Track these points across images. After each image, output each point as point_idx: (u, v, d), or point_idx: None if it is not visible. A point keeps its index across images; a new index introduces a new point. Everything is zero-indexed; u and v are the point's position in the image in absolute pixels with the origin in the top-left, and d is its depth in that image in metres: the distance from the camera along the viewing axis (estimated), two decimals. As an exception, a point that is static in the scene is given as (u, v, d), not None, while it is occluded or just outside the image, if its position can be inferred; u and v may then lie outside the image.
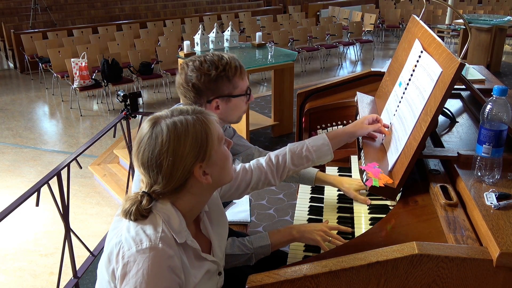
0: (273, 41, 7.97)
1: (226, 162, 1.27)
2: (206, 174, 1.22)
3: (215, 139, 1.22)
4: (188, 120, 1.19)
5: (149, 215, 1.20)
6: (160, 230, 1.17)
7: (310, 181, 2.00)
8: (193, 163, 1.19)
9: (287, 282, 1.19)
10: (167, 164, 1.16)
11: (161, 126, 1.18)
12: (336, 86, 2.51)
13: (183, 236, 1.22)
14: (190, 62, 1.69)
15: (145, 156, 1.18)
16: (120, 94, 3.40)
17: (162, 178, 1.18)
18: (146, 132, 1.19)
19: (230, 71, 1.67)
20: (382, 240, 1.32)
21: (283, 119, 5.39)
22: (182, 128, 1.17)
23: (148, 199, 1.21)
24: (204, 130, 1.20)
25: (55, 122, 6.45)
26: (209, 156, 1.21)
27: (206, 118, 1.22)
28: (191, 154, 1.18)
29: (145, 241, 1.14)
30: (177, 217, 1.22)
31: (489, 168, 1.38)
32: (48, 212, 3.80)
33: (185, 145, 1.17)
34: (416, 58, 1.67)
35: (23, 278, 3.15)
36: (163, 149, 1.16)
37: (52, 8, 10.01)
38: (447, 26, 8.99)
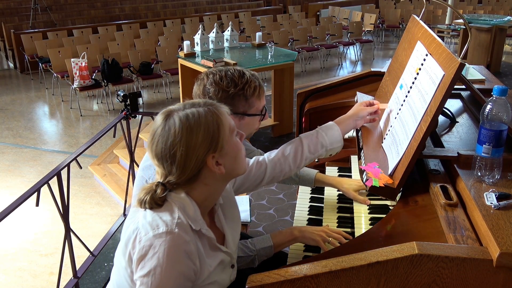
0: (273, 41, 7.97)
1: (238, 153, 1.30)
2: (219, 165, 1.25)
3: (226, 130, 1.25)
4: (200, 112, 1.23)
5: (164, 204, 1.23)
6: (176, 216, 1.20)
7: (309, 183, 2.00)
8: (205, 154, 1.22)
9: (287, 282, 1.19)
10: (181, 155, 1.20)
11: (174, 119, 1.22)
12: (336, 86, 2.51)
13: (198, 224, 1.25)
14: (210, 75, 1.68)
15: (158, 147, 1.22)
16: (120, 94, 3.40)
17: (176, 169, 1.22)
18: (160, 124, 1.23)
19: (248, 90, 1.66)
20: (382, 240, 1.32)
21: (283, 119, 5.39)
22: (194, 120, 1.21)
23: (163, 189, 1.24)
24: (216, 121, 1.23)
25: (55, 122, 6.45)
26: (221, 146, 1.24)
27: (217, 109, 1.26)
28: (204, 144, 1.21)
29: (162, 226, 1.17)
30: (192, 206, 1.25)
31: (489, 168, 1.38)
32: (48, 212, 3.80)
33: (198, 136, 1.21)
34: (420, 61, 1.66)
35: (23, 278, 3.15)
36: (176, 140, 1.20)
37: (52, 8, 10.01)
38: (447, 26, 9.00)
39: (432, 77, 1.50)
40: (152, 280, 1.16)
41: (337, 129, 1.70)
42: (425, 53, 1.65)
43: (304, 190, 2.13)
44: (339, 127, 1.71)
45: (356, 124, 1.78)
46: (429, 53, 1.62)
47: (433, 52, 1.59)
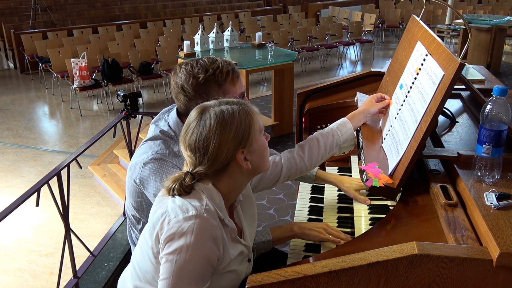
0: (273, 41, 7.97)
1: (264, 152, 1.39)
2: (247, 160, 1.33)
3: (256, 129, 1.34)
4: (234, 109, 1.31)
5: (192, 192, 1.30)
6: (204, 203, 1.27)
7: (310, 179, 1.99)
8: (236, 148, 1.30)
9: (287, 282, 1.19)
10: (214, 146, 1.28)
11: (210, 113, 1.30)
12: (336, 86, 2.51)
13: (223, 213, 1.31)
14: (183, 65, 1.67)
15: (192, 139, 1.30)
16: (120, 94, 3.40)
17: (207, 159, 1.29)
18: (195, 118, 1.31)
19: (220, 75, 1.62)
20: (382, 240, 1.32)
21: (283, 119, 5.39)
22: (228, 116, 1.30)
23: (191, 178, 1.30)
24: (248, 119, 1.32)
25: (55, 122, 6.45)
26: (250, 143, 1.32)
27: (250, 109, 1.35)
28: (235, 139, 1.29)
29: (192, 209, 1.24)
30: (218, 196, 1.32)
31: (489, 168, 1.38)
32: (48, 212, 3.80)
33: (230, 131, 1.29)
34: (420, 61, 1.66)
35: (23, 278, 3.15)
36: (210, 133, 1.28)
37: (52, 8, 10.01)
38: (447, 26, 9.00)
39: (432, 77, 1.50)
40: (178, 258, 1.22)
41: (350, 127, 1.77)
42: (425, 53, 1.65)
43: (304, 190, 2.13)
44: (352, 124, 1.77)
45: (366, 119, 1.84)
46: (429, 53, 1.62)
47: (433, 52, 1.59)
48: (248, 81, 4.76)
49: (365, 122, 1.87)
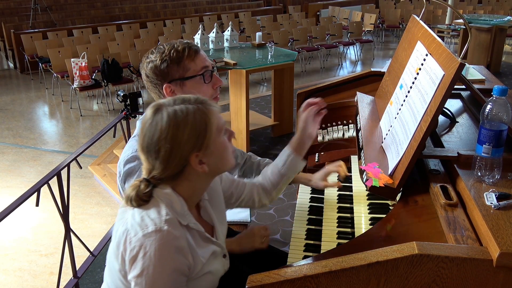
0: (273, 41, 7.97)
1: (224, 152, 1.30)
2: (203, 163, 1.26)
3: (214, 130, 1.25)
4: (188, 109, 1.23)
5: (150, 200, 1.24)
6: (163, 213, 1.21)
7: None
8: (190, 152, 1.22)
9: (287, 282, 1.19)
10: (165, 151, 1.21)
11: (162, 114, 1.22)
12: (336, 86, 2.51)
13: (186, 219, 1.26)
14: (145, 55, 1.68)
15: (145, 141, 1.23)
16: (120, 94, 3.40)
17: (159, 164, 1.23)
18: (148, 118, 1.24)
19: (175, 53, 1.61)
20: (382, 240, 1.32)
21: (283, 119, 5.39)
22: (181, 117, 1.21)
23: (146, 184, 1.25)
24: (204, 120, 1.23)
25: (55, 122, 6.45)
26: (206, 146, 1.24)
27: (207, 108, 1.25)
28: (189, 143, 1.22)
29: (150, 225, 1.18)
30: (179, 201, 1.26)
31: (489, 168, 1.38)
32: (48, 212, 3.80)
33: (184, 133, 1.21)
34: (421, 61, 1.66)
35: (23, 278, 3.15)
36: (162, 136, 1.20)
37: (52, 8, 10.01)
38: (447, 26, 9.00)
39: (432, 77, 1.50)
40: (146, 279, 1.17)
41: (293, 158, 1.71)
42: (425, 53, 1.65)
43: (304, 190, 2.13)
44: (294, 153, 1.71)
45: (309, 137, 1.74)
46: (429, 53, 1.62)
47: (433, 52, 1.59)
48: (248, 81, 4.75)
49: (365, 123, 1.87)
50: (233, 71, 4.86)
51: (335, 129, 2.33)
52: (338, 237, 1.70)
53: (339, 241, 1.67)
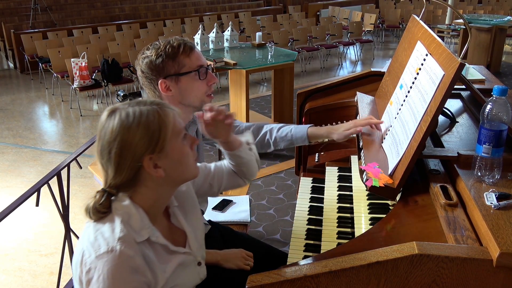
0: (273, 41, 7.97)
1: (183, 158, 1.23)
2: (158, 167, 1.19)
3: (169, 132, 1.19)
4: (142, 110, 1.18)
5: (108, 212, 1.19)
6: (118, 231, 1.15)
7: (303, 140, 1.93)
8: (142, 154, 1.17)
9: (287, 282, 1.19)
10: (115, 152, 1.16)
11: (115, 116, 1.18)
12: (336, 86, 2.51)
13: (144, 234, 1.20)
14: (141, 51, 1.69)
15: (99, 146, 1.19)
16: (120, 94, 3.41)
17: (112, 168, 1.18)
18: (102, 122, 1.20)
19: (171, 49, 1.63)
20: (382, 240, 1.32)
21: (283, 119, 5.39)
22: (133, 118, 1.17)
23: (102, 194, 1.20)
24: (158, 121, 1.18)
25: (55, 122, 6.45)
26: (161, 148, 1.18)
27: (162, 109, 1.20)
28: (140, 143, 1.16)
29: (103, 245, 1.13)
30: (138, 214, 1.20)
31: (489, 168, 1.38)
32: (48, 212, 3.80)
33: (135, 134, 1.16)
34: (420, 61, 1.66)
35: (23, 278, 3.15)
36: (111, 138, 1.16)
37: (52, 8, 10.00)
38: (447, 26, 9.00)
39: (432, 77, 1.50)
40: None
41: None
42: (425, 53, 1.65)
43: (304, 190, 2.13)
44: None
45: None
46: (429, 53, 1.62)
47: (433, 52, 1.59)
48: (248, 81, 4.76)
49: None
50: (233, 71, 4.86)
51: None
52: (338, 237, 1.70)
53: (339, 241, 1.67)
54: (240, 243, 2.01)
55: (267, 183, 4.25)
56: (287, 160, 4.69)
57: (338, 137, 1.85)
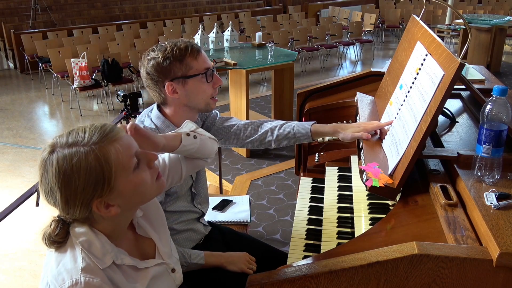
0: (273, 41, 7.97)
1: (139, 188, 1.14)
2: (111, 206, 1.12)
3: (117, 171, 1.09)
4: (79, 153, 1.07)
5: (68, 241, 1.13)
6: (80, 261, 1.09)
7: (306, 137, 1.90)
8: (90, 200, 1.09)
9: (287, 282, 1.19)
10: (60, 200, 1.09)
11: (53, 158, 1.09)
12: (336, 86, 2.51)
13: (107, 260, 1.14)
14: (146, 52, 1.69)
15: (42, 185, 1.12)
16: (120, 94, 3.41)
17: (61, 210, 1.12)
18: (42, 159, 1.12)
19: (178, 51, 1.62)
20: (382, 240, 1.32)
21: (283, 119, 5.32)
22: (72, 165, 1.06)
23: (56, 226, 1.14)
24: (99, 164, 1.07)
25: (55, 122, 6.45)
26: (110, 190, 1.10)
27: (102, 149, 1.08)
28: (86, 191, 1.08)
29: (67, 279, 1.07)
30: (98, 241, 1.13)
31: (489, 168, 1.38)
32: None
33: (77, 182, 1.07)
34: (420, 61, 1.66)
35: (23, 278, 3.15)
36: (54, 187, 1.09)
37: (52, 8, 10.00)
38: (447, 26, 9.00)
39: (432, 77, 1.50)
40: None
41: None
42: (425, 53, 1.65)
43: (304, 190, 2.13)
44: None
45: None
46: (429, 53, 1.62)
47: (433, 52, 1.59)
48: (248, 81, 4.75)
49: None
50: (233, 71, 4.86)
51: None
52: (338, 237, 1.70)
53: (339, 241, 1.68)
54: (240, 243, 2.01)
55: (267, 183, 4.25)
56: (287, 160, 4.69)
57: (344, 137, 1.81)
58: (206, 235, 1.95)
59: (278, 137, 1.90)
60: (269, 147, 1.94)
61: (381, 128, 1.79)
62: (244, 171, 4.51)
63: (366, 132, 1.77)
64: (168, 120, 1.72)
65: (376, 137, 1.78)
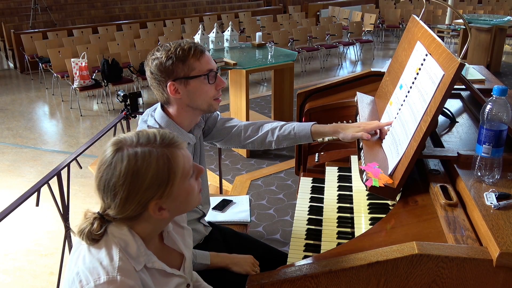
0: (273, 41, 7.97)
1: (189, 196, 1.21)
2: (163, 209, 1.17)
3: (178, 177, 1.15)
4: (152, 154, 1.12)
5: (104, 238, 1.16)
6: (116, 259, 1.12)
7: (306, 138, 1.90)
8: (149, 200, 1.13)
9: (287, 282, 1.19)
10: (121, 198, 1.12)
11: (122, 156, 1.12)
12: (336, 86, 2.51)
13: (141, 262, 1.17)
14: (151, 52, 1.69)
15: (101, 183, 1.14)
16: (120, 94, 3.40)
17: (115, 207, 1.14)
18: (107, 158, 1.13)
19: (181, 51, 1.62)
20: (382, 240, 1.32)
21: (283, 119, 5.39)
22: (142, 164, 1.11)
23: (99, 224, 1.16)
24: (167, 167, 1.13)
25: (55, 122, 6.45)
26: (168, 193, 1.15)
27: (172, 152, 1.14)
28: (149, 191, 1.12)
29: (103, 274, 1.09)
30: (135, 243, 1.17)
31: (489, 168, 1.38)
32: (48, 212, 3.80)
33: (144, 181, 1.11)
34: (420, 61, 1.66)
35: (23, 278, 3.15)
36: (119, 182, 1.11)
37: (52, 8, 10.01)
38: (447, 26, 9.00)
39: (432, 77, 1.50)
40: None
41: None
42: (425, 53, 1.65)
43: (304, 190, 2.13)
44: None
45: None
46: (429, 53, 1.62)
47: (433, 52, 1.59)
48: (248, 81, 4.75)
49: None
50: (233, 71, 4.86)
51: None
52: (338, 237, 1.70)
53: (339, 241, 1.68)
54: (240, 243, 2.01)
55: (267, 183, 4.25)
56: (287, 160, 4.69)
57: (344, 137, 1.81)
58: (206, 236, 1.95)
59: (278, 138, 1.90)
60: (270, 147, 1.94)
61: (381, 128, 1.79)
62: (244, 171, 4.52)
63: (366, 131, 1.77)
64: (172, 120, 1.72)
65: (376, 137, 1.78)
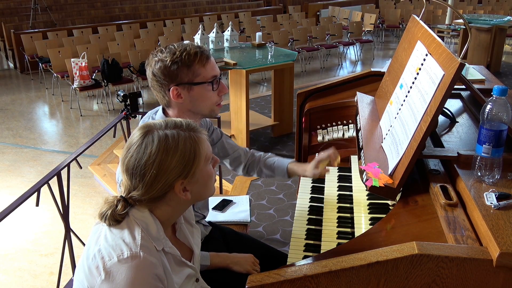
0: (273, 41, 7.97)
1: (208, 181, 1.29)
2: (186, 191, 1.24)
3: (202, 159, 1.24)
4: (180, 135, 1.21)
5: (125, 220, 1.21)
6: (139, 238, 1.17)
7: (283, 174, 2.04)
8: (175, 179, 1.21)
9: (287, 282, 1.19)
10: (150, 175, 1.18)
11: (153, 137, 1.19)
12: (336, 86, 2.51)
13: (161, 244, 1.23)
14: (154, 52, 1.67)
15: (131, 163, 1.20)
16: (120, 94, 3.41)
17: (142, 187, 1.20)
18: (137, 140, 1.21)
19: (187, 56, 1.60)
20: (382, 240, 1.32)
21: (283, 119, 5.39)
22: (172, 143, 1.19)
23: (123, 205, 1.21)
24: (194, 148, 1.22)
25: (55, 122, 6.45)
26: (192, 174, 1.23)
27: (197, 136, 1.24)
28: (176, 170, 1.20)
29: (126, 250, 1.14)
30: (155, 225, 1.23)
31: (489, 168, 1.38)
32: (48, 212, 3.80)
33: (172, 160, 1.19)
34: (420, 61, 1.66)
35: (23, 278, 3.15)
36: (149, 160, 1.18)
37: (52, 8, 10.00)
38: (447, 26, 9.00)
39: (432, 77, 1.50)
40: None
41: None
42: (425, 53, 1.65)
43: (304, 190, 2.13)
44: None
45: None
46: (429, 53, 1.62)
47: (433, 52, 1.59)
48: (248, 81, 4.75)
49: (365, 123, 1.87)
50: (233, 71, 4.86)
51: (335, 129, 2.33)
52: (338, 237, 1.70)
53: (339, 241, 1.67)
54: (240, 243, 2.02)
55: (267, 183, 4.25)
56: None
57: (310, 175, 1.95)
58: (206, 235, 1.95)
59: (260, 168, 2.09)
60: (253, 174, 2.12)
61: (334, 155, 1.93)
62: (244, 171, 4.51)
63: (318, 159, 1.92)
64: None
65: (376, 135, 1.78)
